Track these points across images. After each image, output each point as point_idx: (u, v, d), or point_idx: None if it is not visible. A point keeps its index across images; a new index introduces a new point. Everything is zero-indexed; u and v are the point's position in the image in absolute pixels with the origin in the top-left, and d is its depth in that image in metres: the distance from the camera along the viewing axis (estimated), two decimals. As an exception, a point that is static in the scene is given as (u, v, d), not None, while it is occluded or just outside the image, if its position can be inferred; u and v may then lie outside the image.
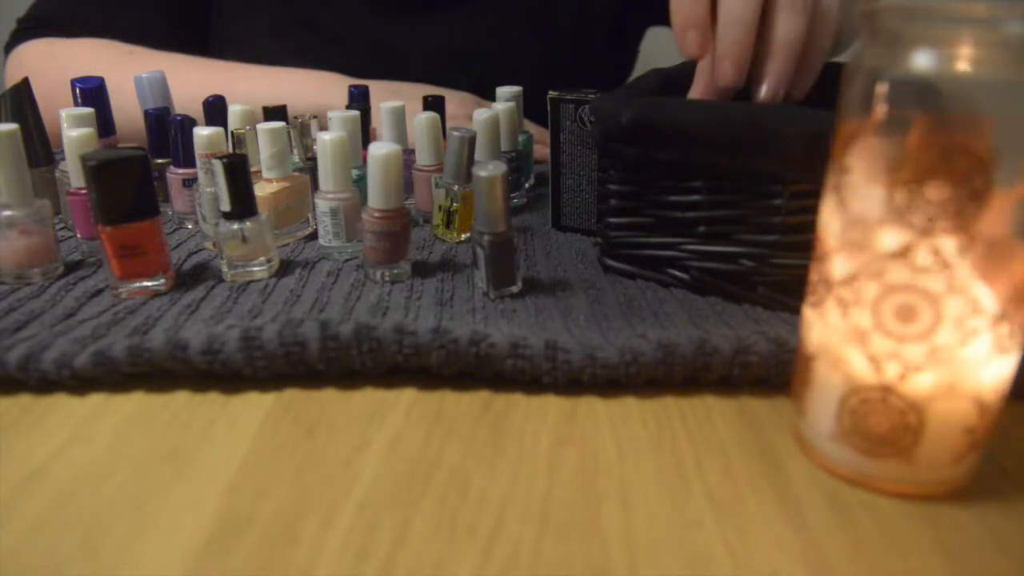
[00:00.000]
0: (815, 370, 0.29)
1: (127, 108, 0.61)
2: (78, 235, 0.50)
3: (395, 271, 0.45)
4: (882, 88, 0.25)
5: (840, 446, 0.28)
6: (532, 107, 0.66)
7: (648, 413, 0.33)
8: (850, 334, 0.27)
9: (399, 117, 0.57)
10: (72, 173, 0.47)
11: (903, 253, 0.25)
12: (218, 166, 0.42)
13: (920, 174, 0.24)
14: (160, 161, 0.55)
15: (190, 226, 0.55)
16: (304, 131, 0.56)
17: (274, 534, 0.26)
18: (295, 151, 0.55)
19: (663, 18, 0.50)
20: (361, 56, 0.79)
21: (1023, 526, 0.26)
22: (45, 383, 0.34)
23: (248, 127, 0.52)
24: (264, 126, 0.49)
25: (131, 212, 0.41)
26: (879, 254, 0.25)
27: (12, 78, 0.75)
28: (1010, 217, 0.24)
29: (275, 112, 0.57)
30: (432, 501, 0.27)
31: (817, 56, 0.42)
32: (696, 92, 0.44)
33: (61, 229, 0.53)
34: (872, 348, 0.26)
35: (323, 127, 0.56)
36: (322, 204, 0.47)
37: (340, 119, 0.53)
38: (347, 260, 0.48)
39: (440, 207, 0.52)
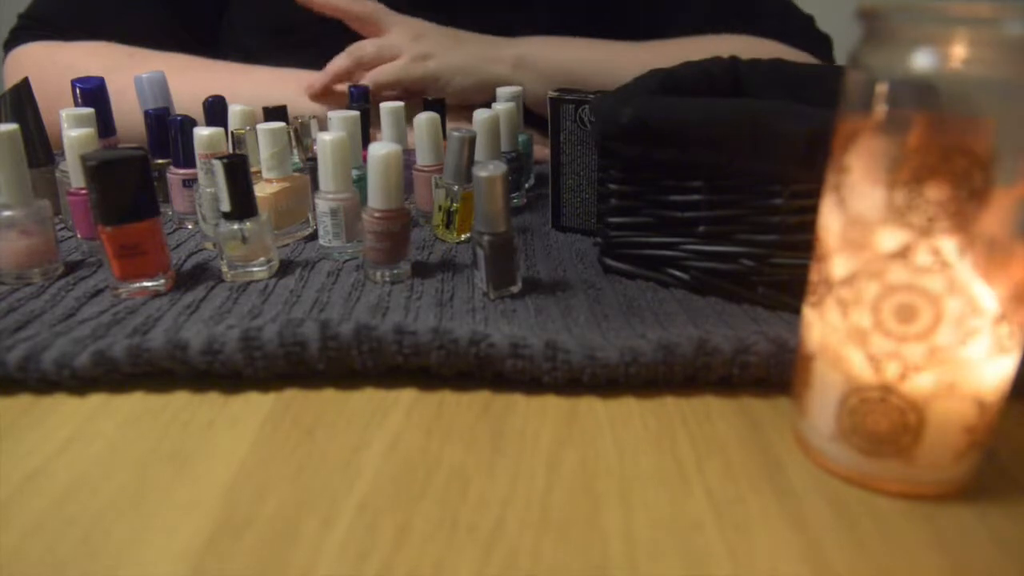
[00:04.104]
0: (815, 370, 0.29)
1: (127, 111, 0.61)
2: (78, 235, 0.50)
3: (395, 271, 0.45)
4: (882, 88, 0.25)
5: (840, 446, 0.28)
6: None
7: (648, 413, 0.33)
8: (850, 334, 0.27)
9: (399, 117, 0.57)
10: (72, 173, 0.47)
11: (903, 253, 0.25)
12: (218, 166, 0.42)
13: (920, 174, 0.24)
14: (160, 161, 0.55)
15: (190, 226, 0.55)
16: (304, 131, 0.56)
17: (274, 534, 0.26)
18: (295, 151, 0.55)
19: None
20: None
21: (1023, 526, 0.26)
22: (45, 383, 0.34)
23: (248, 127, 0.52)
24: (264, 126, 0.49)
25: (131, 212, 0.41)
26: (879, 254, 0.25)
27: (11, 79, 0.75)
28: (1010, 217, 0.24)
29: (275, 112, 0.57)
30: (432, 501, 0.27)
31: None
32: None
33: (61, 229, 0.53)
34: (872, 348, 0.26)
35: (323, 127, 0.56)
36: (322, 204, 0.47)
37: (340, 119, 0.53)
38: (347, 260, 0.48)
39: (440, 207, 0.52)
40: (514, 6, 0.80)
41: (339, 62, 0.71)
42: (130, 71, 0.61)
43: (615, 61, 0.75)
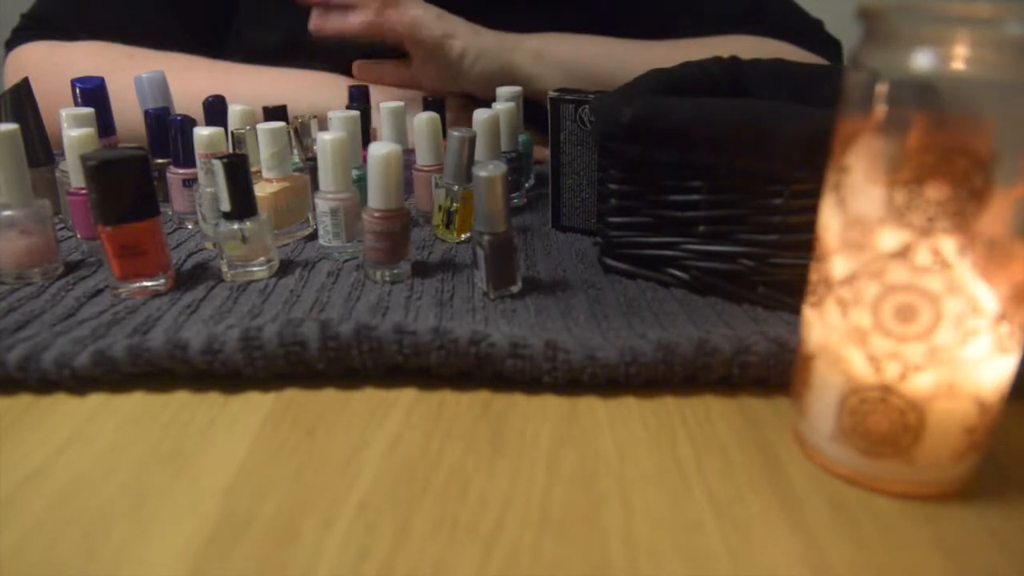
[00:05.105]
0: (815, 370, 0.29)
1: (126, 111, 0.61)
2: (78, 235, 0.50)
3: (395, 271, 0.45)
4: (882, 88, 0.25)
5: (840, 446, 0.28)
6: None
7: (648, 413, 0.33)
8: (850, 334, 0.27)
9: (399, 117, 0.57)
10: (72, 173, 0.47)
11: (903, 253, 0.25)
12: (218, 166, 0.42)
13: (920, 174, 0.24)
14: (160, 161, 0.55)
15: (190, 226, 0.55)
16: (304, 131, 0.56)
17: (274, 534, 0.26)
18: (295, 151, 0.55)
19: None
20: None
21: (1023, 526, 0.26)
22: (45, 383, 0.34)
23: (248, 127, 0.52)
24: (264, 126, 0.49)
25: (131, 212, 0.41)
26: (879, 254, 0.25)
27: (11, 79, 0.75)
28: (1010, 217, 0.24)
29: (275, 112, 0.57)
30: (432, 501, 0.27)
31: None
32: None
33: (61, 229, 0.53)
34: (872, 348, 0.26)
35: (323, 127, 0.56)
36: (322, 204, 0.47)
37: (340, 119, 0.53)
38: (347, 260, 0.48)
39: (440, 207, 0.52)
40: (518, 6, 0.80)
41: None
42: (130, 71, 0.61)
43: (631, 58, 0.73)
